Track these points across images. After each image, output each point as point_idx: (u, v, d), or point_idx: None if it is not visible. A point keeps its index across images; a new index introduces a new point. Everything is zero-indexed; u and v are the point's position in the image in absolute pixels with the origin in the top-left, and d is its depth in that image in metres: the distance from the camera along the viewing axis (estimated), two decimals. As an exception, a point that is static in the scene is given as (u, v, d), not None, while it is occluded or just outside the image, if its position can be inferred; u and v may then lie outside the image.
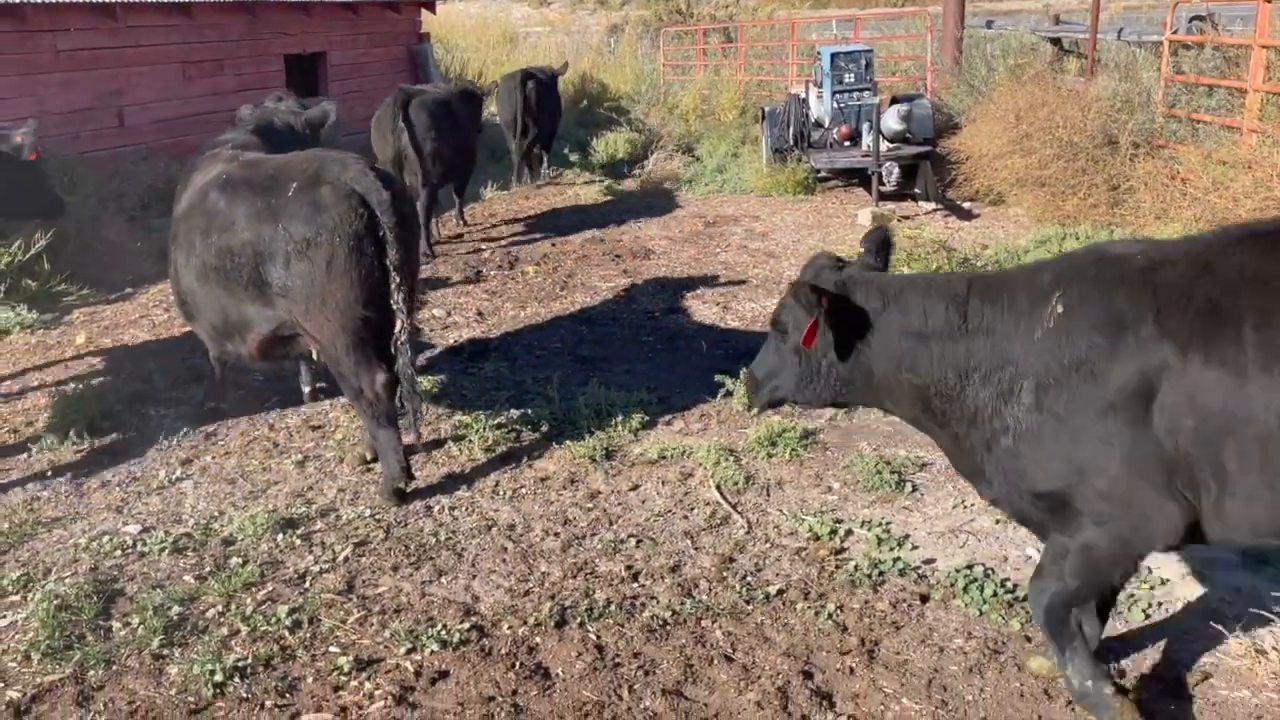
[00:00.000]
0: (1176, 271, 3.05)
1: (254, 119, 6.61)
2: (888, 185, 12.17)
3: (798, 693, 3.65)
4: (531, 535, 4.87)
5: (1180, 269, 3.06)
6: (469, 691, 3.73)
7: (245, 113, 6.88)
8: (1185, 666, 3.72)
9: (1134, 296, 3.05)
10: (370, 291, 4.89)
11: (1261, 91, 9.24)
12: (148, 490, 5.46)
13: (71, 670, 3.88)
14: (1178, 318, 2.97)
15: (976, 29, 16.79)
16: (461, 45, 23.64)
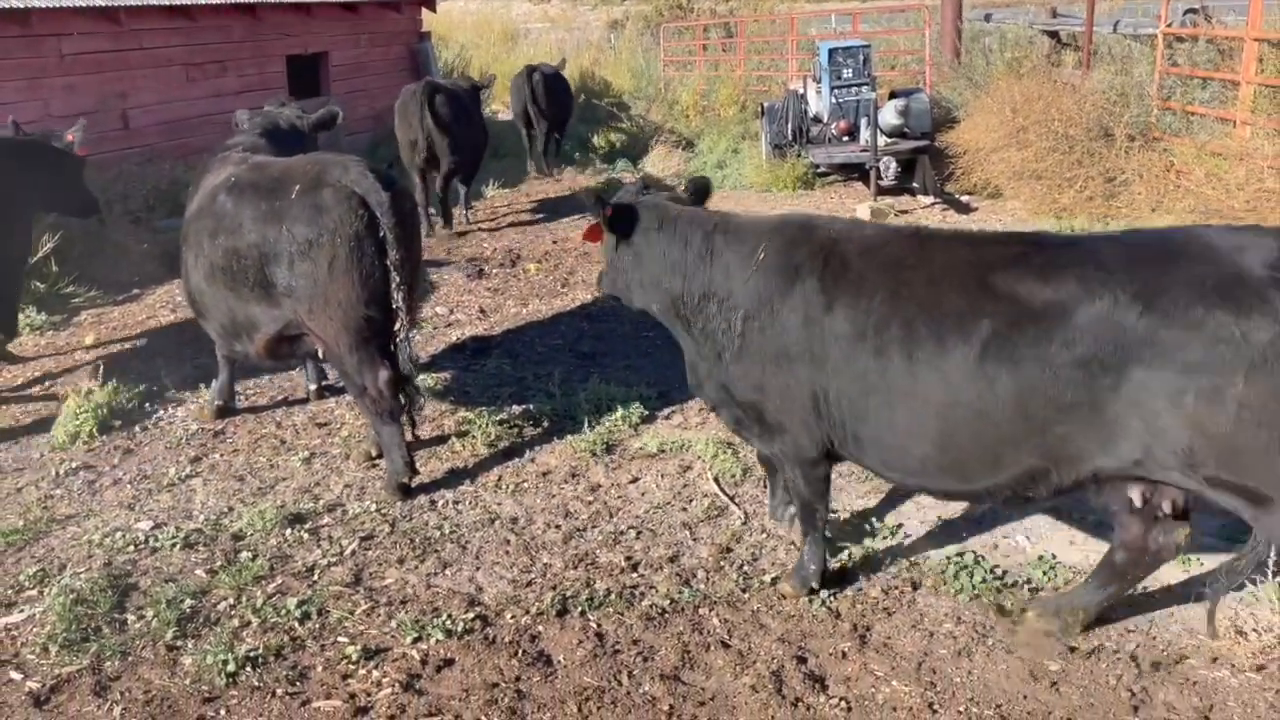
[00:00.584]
0: (852, 247, 3.85)
1: (259, 123, 6.72)
2: (886, 180, 12.26)
3: (791, 676, 3.77)
4: (534, 528, 5.00)
5: (855, 246, 3.85)
6: (474, 679, 3.86)
7: (242, 117, 6.95)
8: (1166, 647, 3.83)
9: (812, 258, 3.87)
10: (372, 291, 5.02)
11: (1254, 84, 9.33)
12: (159, 487, 5.59)
13: (89, 661, 4.02)
14: (834, 280, 3.79)
15: (975, 22, 16.85)
16: (462, 43, 23.75)
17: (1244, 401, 3.11)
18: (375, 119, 16.62)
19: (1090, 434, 3.36)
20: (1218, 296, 3.17)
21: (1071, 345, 3.31)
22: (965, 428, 3.54)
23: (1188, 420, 3.19)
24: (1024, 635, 3.88)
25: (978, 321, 3.46)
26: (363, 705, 3.74)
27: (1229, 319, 3.13)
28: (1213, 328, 3.14)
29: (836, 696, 3.67)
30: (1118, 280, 3.32)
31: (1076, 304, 3.34)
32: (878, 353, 3.63)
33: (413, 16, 18.38)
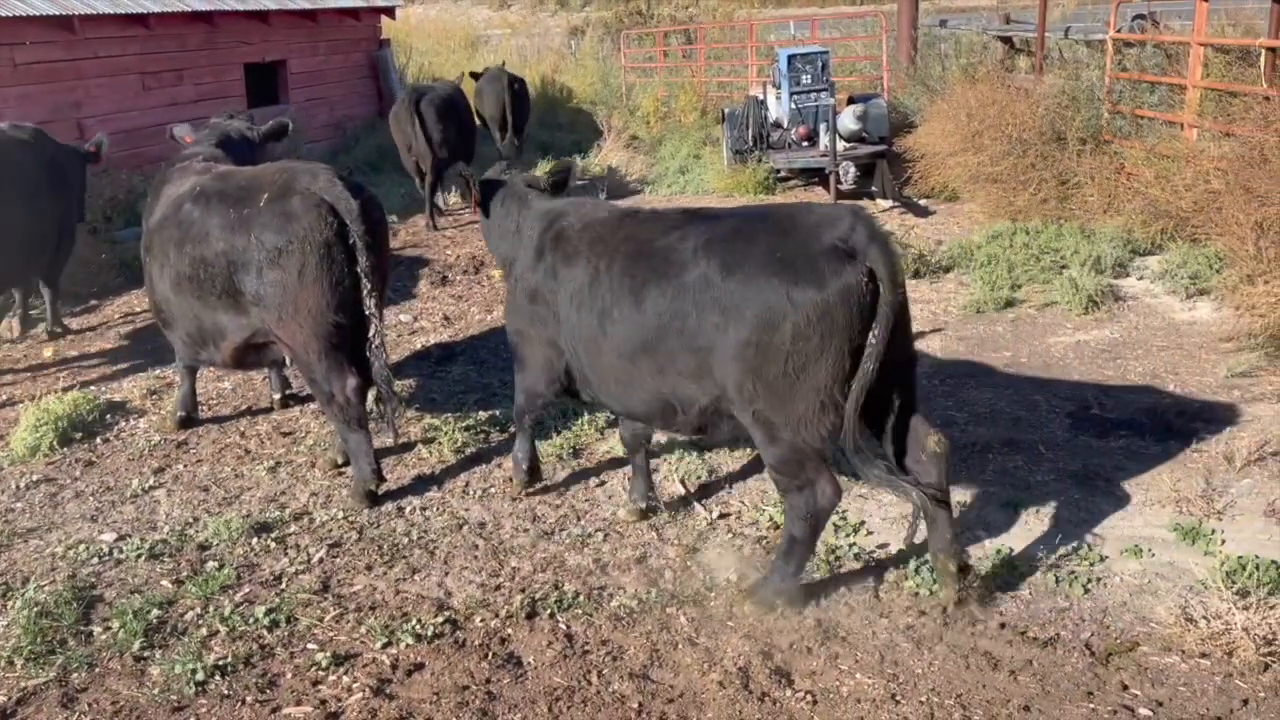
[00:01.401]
0: (576, 227, 4.72)
1: (211, 134, 6.61)
2: (845, 184, 12.41)
3: (758, 672, 3.83)
4: (502, 532, 5.03)
5: (578, 226, 4.72)
6: (444, 681, 3.89)
7: (180, 131, 6.71)
8: (1119, 635, 3.95)
9: (552, 237, 4.78)
10: (341, 298, 5.03)
11: (1200, 88, 9.56)
12: (122, 499, 5.55)
13: (55, 674, 4.00)
14: (565, 252, 4.66)
15: (930, 28, 17.12)
16: (423, 49, 23.69)
17: (782, 351, 3.86)
18: (335, 127, 16.57)
19: (694, 376, 4.16)
20: (779, 266, 3.89)
21: (681, 302, 4.11)
22: (624, 370, 4.40)
23: (747, 366, 3.94)
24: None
25: (632, 282, 4.28)
26: (334, 711, 3.76)
27: (782, 285, 3.84)
28: (769, 292, 3.85)
29: (802, 690, 3.74)
30: (719, 249, 4.07)
31: (686, 269, 4.12)
32: (581, 310, 4.50)
33: (372, 24, 18.32)
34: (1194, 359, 6.81)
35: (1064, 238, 9.14)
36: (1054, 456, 5.48)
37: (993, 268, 8.75)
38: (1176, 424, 5.80)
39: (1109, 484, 5.16)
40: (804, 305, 3.79)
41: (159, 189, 5.70)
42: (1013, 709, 3.58)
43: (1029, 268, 8.71)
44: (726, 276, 3.96)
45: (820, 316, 3.79)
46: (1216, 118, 9.16)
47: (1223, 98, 9.31)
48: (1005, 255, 8.95)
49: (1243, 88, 8.89)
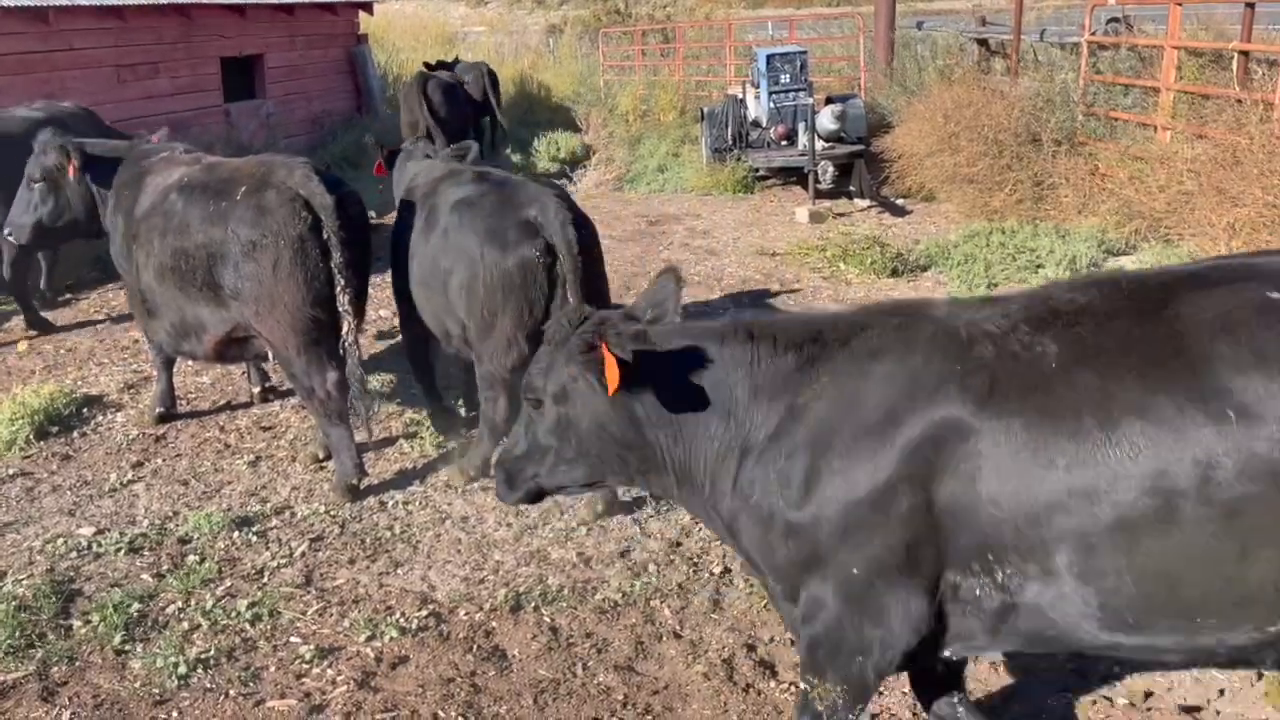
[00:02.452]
0: (430, 184, 5.54)
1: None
2: (823, 183, 12.49)
3: (742, 664, 3.87)
4: (485, 526, 5.03)
5: (429, 182, 5.57)
6: (429, 674, 3.89)
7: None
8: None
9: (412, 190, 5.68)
10: (317, 293, 5.02)
11: (1173, 90, 9.70)
12: (100, 493, 5.51)
13: (35, 667, 3.97)
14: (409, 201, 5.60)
15: (907, 30, 17.22)
16: (399, 46, 23.59)
17: (478, 297, 4.92)
18: (313, 122, 16.47)
19: (446, 310, 5.16)
20: (484, 230, 4.91)
21: (438, 247, 5.13)
22: (421, 297, 5.42)
23: (463, 304, 4.99)
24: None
25: (423, 227, 5.35)
26: (318, 704, 3.75)
27: (477, 245, 4.92)
28: (473, 250, 4.93)
29: (786, 681, 3.77)
30: (459, 209, 5.08)
31: (441, 221, 5.10)
32: (416, 248, 5.39)
33: (350, 19, 18.24)
34: (1168, 357, 6.90)
35: (1039, 238, 9.24)
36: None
37: (969, 267, 8.84)
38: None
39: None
40: (490, 265, 4.87)
41: (140, 179, 5.62)
42: (996, 698, 3.63)
43: (1005, 267, 8.80)
44: (455, 232, 5.03)
45: (502, 275, 4.86)
46: (1190, 120, 9.30)
47: (1196, 100, 9.45)
48: (982, 255, 9.04)
49: (1216, 90, 9.03)
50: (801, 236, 10.67)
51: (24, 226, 6.15)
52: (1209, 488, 2.29)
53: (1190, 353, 2.36)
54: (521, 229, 4.87)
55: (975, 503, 2.48)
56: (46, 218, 6.11)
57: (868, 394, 2.62)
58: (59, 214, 6.10)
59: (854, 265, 9.19)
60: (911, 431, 2.53)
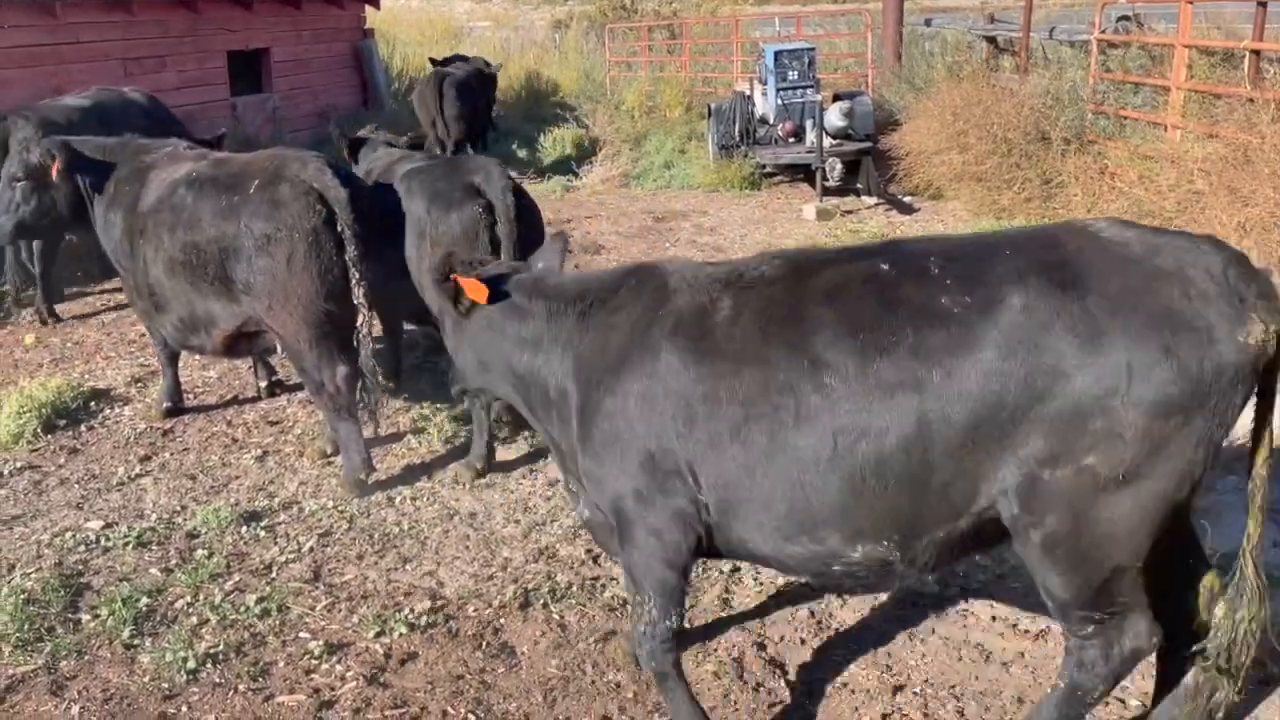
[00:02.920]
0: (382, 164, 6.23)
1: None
2: (831, 180, 12.45)
3: (752, 662, 3.85)
4: (493, 523, 5.02)
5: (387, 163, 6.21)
6: (438, 671, 3.88)
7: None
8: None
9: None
10: (330, 286, 5.01)
11: (1184, 89, 9.66)
12: (108, 487, 5.50)
13: (44, 661, 3.96)
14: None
15: (916, 27, 17.18)
16: (405, 40, 23.58)
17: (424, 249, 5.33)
18: (319, 116, 16.44)
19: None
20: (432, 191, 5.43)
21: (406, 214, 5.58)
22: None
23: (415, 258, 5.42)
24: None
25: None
26: (327, 699, 3.75)
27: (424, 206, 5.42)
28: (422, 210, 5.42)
29: (796, 681, 3.76)
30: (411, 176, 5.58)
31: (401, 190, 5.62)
32: None
33: (356, 13, 18.22)
34: (1177, 357, 6.87)
35: (1048, 236, 9.20)
36: (1041, 452, 5.52)
37: (978, 265, 8.79)
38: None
39: (1096, 479, 5.20)
40: (436, 221, 5.38)
41: (142, 174, 5.59)
42: (1005, 700, 3.61)
43: (1014, 265, 8.76)
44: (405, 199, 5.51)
45: (447, 231, 5.35)
46: (1201, 119, 9.25)
47: (1207, 99, 9.41)
48: (990, 253, 8.99)
49: (1227, 90, 8.99)
50: (809, 234, 10.65)
51: (3, 226, 5.95)
52: (804, 421, 2.85)
53: (800, 313, 2.92)
54: (465, 190, 5.38)
55: (665, 425, 3.04)
56: (29, 217, 5.92)
57: (611, 342, 3.21)
58: (42, 213, 5.91)
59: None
60: (634, 365, 3.12)
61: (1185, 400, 2.60)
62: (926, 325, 2.76)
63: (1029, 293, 2.69)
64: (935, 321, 2.75)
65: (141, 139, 6.00)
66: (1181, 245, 2.74)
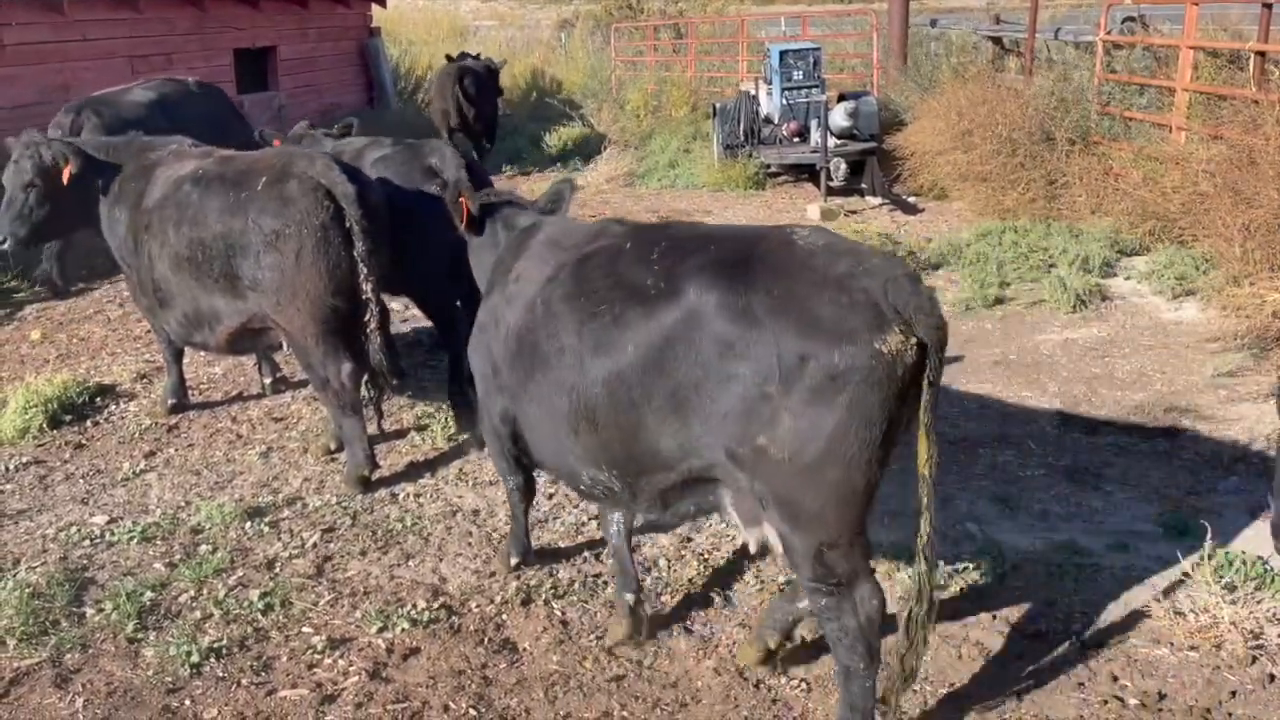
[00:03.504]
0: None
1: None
2: (836, 180, 12.46)
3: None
4: (495, 520, 5.04)
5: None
6: (440, 666, 3.90)
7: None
8: (1108, 627, 4.00)
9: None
10: (339, 282, 5.03)
11: (1189, 90, 9.65)
12: (112, 482, 5.53)
13: (48, 654, 3.99)
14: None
15: (921, 27, 17.17)
16: (412, 39, 23.60)
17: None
18: (325, 115, 16.45)
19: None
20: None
21: None
22: None
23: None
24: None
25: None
26: (330, 694, 3.77)
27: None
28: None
29: (797, 678, 3.78)
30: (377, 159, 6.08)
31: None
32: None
33: (362, 12, 18.26)
34: (1180, 358, 6.88)
35: (1052, 237, 9.21)
36: (1043, 452, 5.54)
37: (981, 266, 8.81)
38: (1163, 421, 5.87)
39: (1097, 479, 5.22)
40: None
41: (147, 172, 5.60)
42: (1005, 698, 3.62)
43: (1017, 266, 8.78)
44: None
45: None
46: (1206, 121, 9.24)
47: (1212, 101, 9.40)
48: (994, 253, 9.02)
49: (1232, 91, 8.98)
50: (813, 233, 10.63)
51: (17, 232, 5.91)
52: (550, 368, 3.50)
53: (574, 275, 3.50)
54: (424, 172, 5.90)
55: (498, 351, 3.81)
56: (41, 221, 5.90)
57: (529, 271, 3.76)
58: (55, 216, 5.90)
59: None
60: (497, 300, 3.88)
61: (827, 394, 2.91)
62: (628, 301, 3.24)
63: (704, 284, 3.11)
64: (634, 298, 3.23)
65: (146, 137, 6.02)
66: (860, 259, 3.05)
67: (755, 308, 3.00)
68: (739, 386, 3.01)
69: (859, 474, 2.99)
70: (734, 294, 3.04)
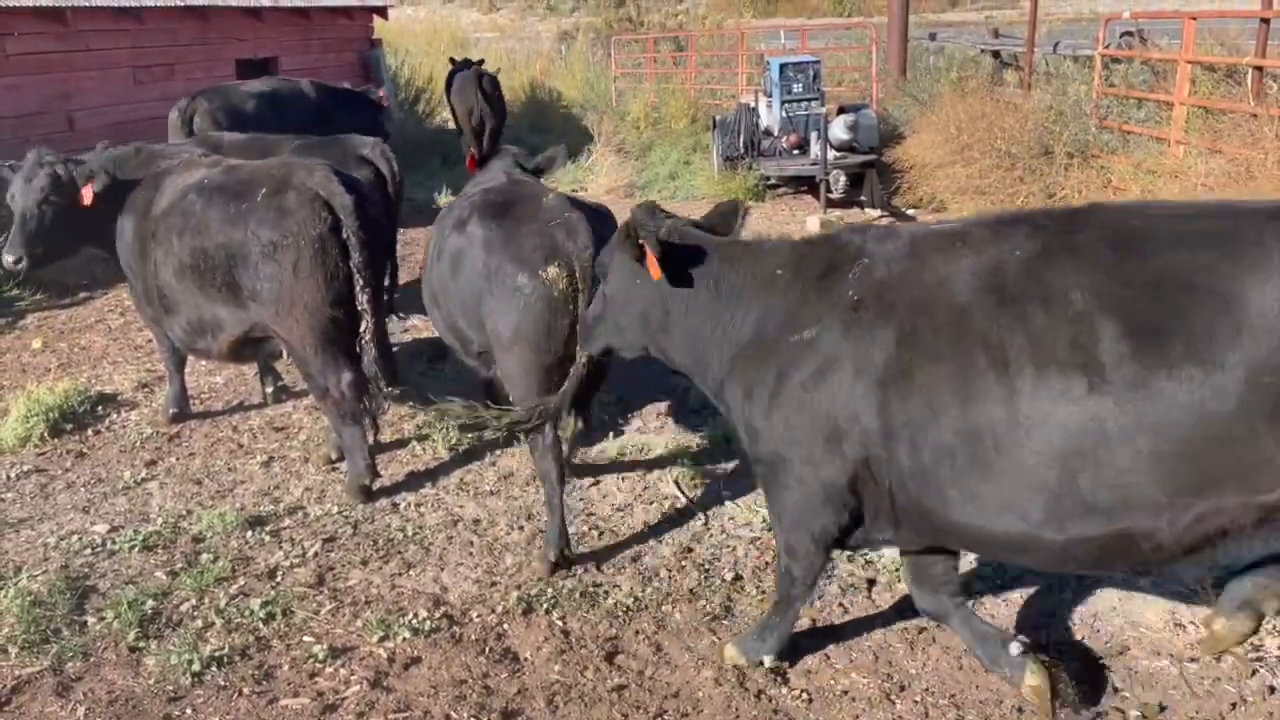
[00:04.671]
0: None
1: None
2: (835, 193, 12.51)
3: (754, 670, 3.86)
4: (496, 529, 5.05)
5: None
6: (442, 675, 3.90)
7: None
8: (1109, 639, 4.00)
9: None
10: (337, 293, 5.05)
11: (1187, 105, 9.69)
12: (114, 491, 5.53)
13: (50, 662, 3.99)
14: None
15: (920, 41, 17.25)
16: (413, 50, 23.66)
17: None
18: (326, 125, 16.51)
19: None
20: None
21: None
22: None
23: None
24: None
25: None
26: (331, 703, 3.77)
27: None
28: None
29: (798, 689, 3.78)
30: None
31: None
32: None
33: (364, 23, 18.32)
34: (1179, 371, 6.88)
35: (1051, 250, 9.21)
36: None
37: (981, 278, 8.81)
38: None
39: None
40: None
41: (156, 181, 5.62)
42: (1006, 709, 3.63)
43: (1017, 279, 8.78)
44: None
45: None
46: (1203, 134, 9.28)
47: (1210, 115, 9.44)
48: (994, 266, 9.01)
49: (1230, 105, 9.02)
50: (813, 245, 10.67)
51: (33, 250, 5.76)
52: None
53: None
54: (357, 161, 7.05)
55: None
56: (55, 239, 5.79)
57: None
58: (69, 233, 5.81)
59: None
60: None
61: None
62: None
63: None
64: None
65: (153, 146, 6.04)
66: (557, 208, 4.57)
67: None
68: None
69: None
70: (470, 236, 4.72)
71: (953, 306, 3.04)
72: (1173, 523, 2.82)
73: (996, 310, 2.96)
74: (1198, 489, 2.76)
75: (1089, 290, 2.85)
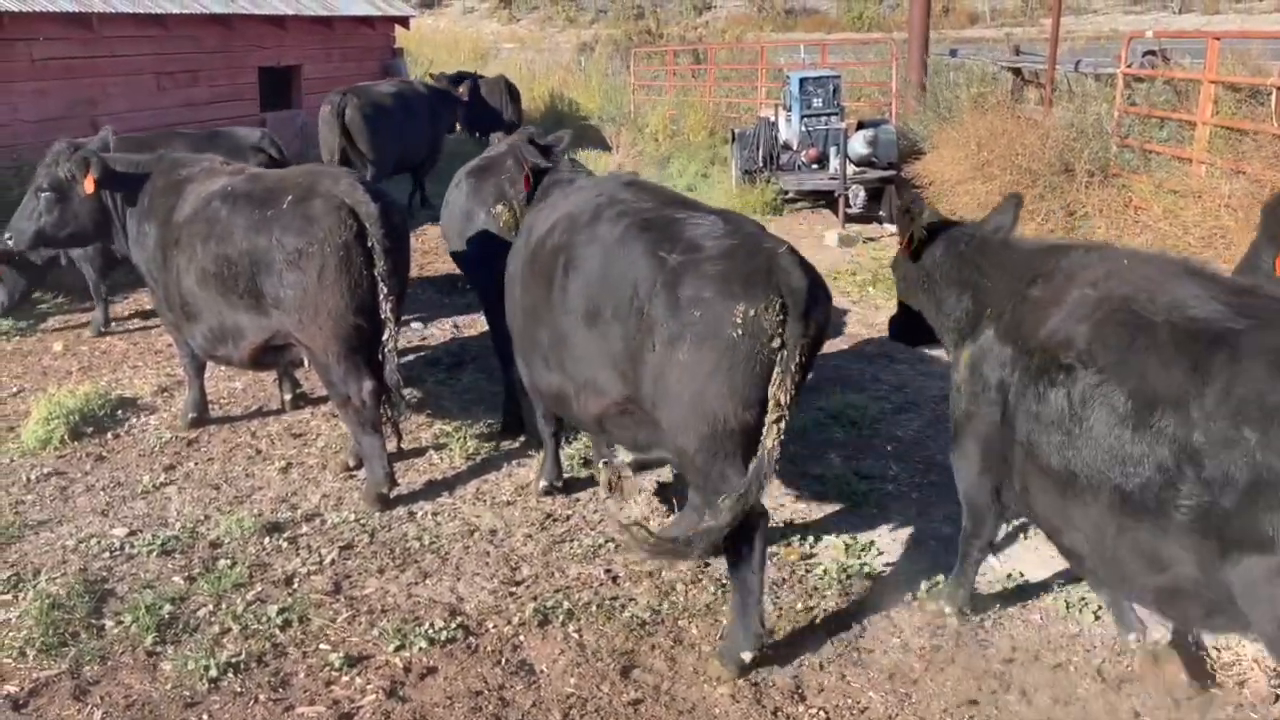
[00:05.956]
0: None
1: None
2: (854, 207, 12.49)
3: (771, 686, 3.85)
4: (513, 540, 5.04)
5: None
6: (457, 686, 3.89)
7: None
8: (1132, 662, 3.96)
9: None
10: (361, 301, 5.06)
11: (1210, 125, 9.65)
12: (132, 495, 5.56)
13: (67, 666, 4.00)
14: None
15: (940, 57, 17.25)
16: (434, 60, 23.83)
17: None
18: (347, 133, 16.61)
19: None
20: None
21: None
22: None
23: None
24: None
25: None
26: (347, 711, 3.77)
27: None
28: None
29: (815, 706, 3.76)
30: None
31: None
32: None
33: (386, 33, 18.45)
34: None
35: (1072, 268, 9.18)
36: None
37: (1001, 295, 8.78)
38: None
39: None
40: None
41: (178, 187, 5.66)
42: (1024, 731, 3.60)
43: (1036, 296, 8.74)
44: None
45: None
46: (1226, 155, 9.23)
47: (1233, 135, 9.39)
48: (1013, 283, 8.98)
49: (1253, 126, 8.98)
50: (831, 260, 10.66)
51: (24, 232, 6.00)
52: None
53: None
54: (252, 152, 7.40)
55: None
56: (49, 227, 5.96)
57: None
58: (63, 224, 5.94)
59: (884, 290, 9.17)
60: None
61: None
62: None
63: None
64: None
65: (176, 154, 6.09)
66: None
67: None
68: None
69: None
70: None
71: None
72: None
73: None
74: None
75: None
